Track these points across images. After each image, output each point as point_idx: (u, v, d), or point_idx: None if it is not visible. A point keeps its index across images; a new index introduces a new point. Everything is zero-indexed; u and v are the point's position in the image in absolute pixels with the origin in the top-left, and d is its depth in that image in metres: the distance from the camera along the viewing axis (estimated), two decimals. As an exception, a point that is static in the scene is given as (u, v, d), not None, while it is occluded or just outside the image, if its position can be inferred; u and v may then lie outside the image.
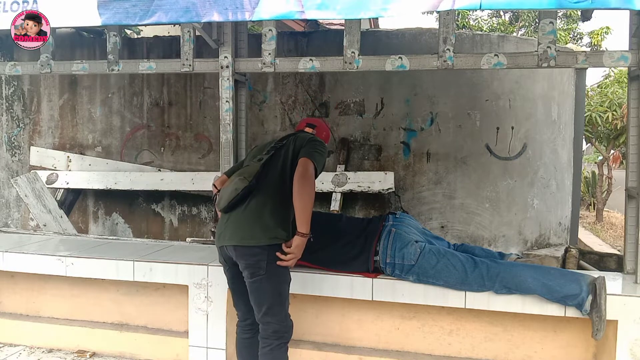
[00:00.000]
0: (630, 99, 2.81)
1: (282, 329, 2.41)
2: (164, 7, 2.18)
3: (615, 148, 11.45)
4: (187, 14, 2.17)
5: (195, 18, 2.18)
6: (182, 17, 2.19)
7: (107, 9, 2.25)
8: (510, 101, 5.61)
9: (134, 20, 2.23)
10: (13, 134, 6.29)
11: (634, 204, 2.77)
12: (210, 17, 2.16)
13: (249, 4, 2.09)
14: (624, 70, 8.69)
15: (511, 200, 5.73)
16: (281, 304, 2.41)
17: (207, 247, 3.67)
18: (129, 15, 2.23)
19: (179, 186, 5.68)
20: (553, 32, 2.76)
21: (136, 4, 2.21)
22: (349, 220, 3.05)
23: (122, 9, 2.23)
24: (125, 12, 2.23)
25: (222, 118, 3.16)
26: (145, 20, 2.22)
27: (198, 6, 2.15)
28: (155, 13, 2.19)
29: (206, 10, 2.14)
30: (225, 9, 2.12)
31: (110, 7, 2.24)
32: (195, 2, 2.16)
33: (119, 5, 2.23)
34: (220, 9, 2.12)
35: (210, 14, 2.14)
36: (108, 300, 3.47)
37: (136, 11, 2.21)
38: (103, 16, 2.26)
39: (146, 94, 5.92)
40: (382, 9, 1.95)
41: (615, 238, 9.08)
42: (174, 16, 2.19)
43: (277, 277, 2.38)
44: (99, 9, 2.25)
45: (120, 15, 2.24)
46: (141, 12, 2.20)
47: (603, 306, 2.44)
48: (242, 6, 2.10)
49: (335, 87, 5.50)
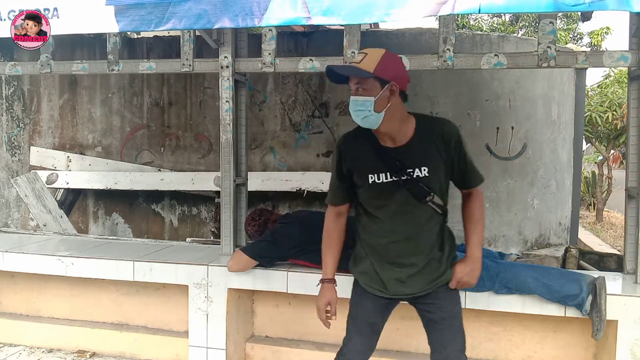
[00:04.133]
0: (630, 99, 2.81)
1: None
2: (178, 15, 2.24)
3: (615, 148, 11.45)
4: (200, 21, 2.22)
5: (207, 25, 2.23)
6: (195, 24, 2.25)
7: (124, 16, 2.31)
8: (510, 101, 5.61)
9: (150, 27, 2.29)
10: (13, 134, 6.29)
11: (634, 204, 2.77)
12: (222, 24, 2.21)
13: (258, 11, 2.15)
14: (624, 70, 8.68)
15: (511, 200, 5.73)
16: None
17: (207, 247, 3.68)
18: (145, 22, 2.28)
19: (179, 186, 5.68)
20: (553, 32, 2.76)
21: (152, 11, 2.27)
22: (349, 220, 3.04)
23: (138, 16, 2.29)
24: (141, 19, 2.28)
25: (222, 118, 3.16)
26: (160, 27, 2.27)
27: (210, 13, 2.20)
28: (170, 20, 2.25)
29: (217, 17, 2.20)
30: (236, 16, 2.17)
31: (127, 14, 2.30)
32: (207, 9, 2.21)
33: (136, 12, 2.29)
34: (231, 16, 2.18)
35: (221, 21, 2.20)
36: (108, 300, 3.47)
37: (151, 18, 2.27)
38: (120, 23, 2.32)
39: (146, 94, 5.92)
40: (386, 14, 2.01)
41: (615, 238, 9.08)
42: (187, 23, 2.24)
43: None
44: (116, 16, 2.32)
45: (136, 23, 2.30)
46: (156, 19, 2.26)
47: (603, 306, 2.43)
48: (251, 13, 2.15)
49: (335, 87, 5.49)
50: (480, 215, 2.09)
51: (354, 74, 1.91)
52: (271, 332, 3.28)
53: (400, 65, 2.01)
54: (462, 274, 2.04)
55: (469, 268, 2.05)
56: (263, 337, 3.28)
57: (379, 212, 2.03)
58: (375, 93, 1.87)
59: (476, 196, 2.10)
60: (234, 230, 3.24)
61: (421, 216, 2.00)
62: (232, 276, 2.97)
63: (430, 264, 2.03)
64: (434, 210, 2.01)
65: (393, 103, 1.90)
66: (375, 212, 2.04)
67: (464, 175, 2.05)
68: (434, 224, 2.04)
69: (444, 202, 2.04)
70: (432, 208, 2.00)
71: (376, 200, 2.03)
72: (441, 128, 1.98)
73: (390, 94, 1.89)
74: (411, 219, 2.00)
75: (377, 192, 2.01)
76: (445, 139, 1.95)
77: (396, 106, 1.92)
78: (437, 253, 2.05)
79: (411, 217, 2.00)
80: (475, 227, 2.08)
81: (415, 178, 1.95)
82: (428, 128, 1.98)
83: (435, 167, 1.96)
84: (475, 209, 2.09)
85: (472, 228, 2.08)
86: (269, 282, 2.95)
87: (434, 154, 1.96)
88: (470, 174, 2.06)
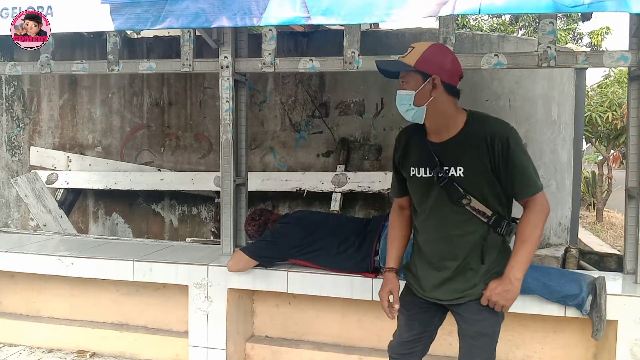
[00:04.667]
0: (630, 99, 2.80)
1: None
2: (175, 13, 2.22)
3: (615, 148, 11.46)
4: (198, 20, 2.21)
5: (205, 23, 2.21)
6: (192, 23, 2.23)
7: (120, 15, 2.29)
8: (510, 101, 5.61)
9: (146, 26, 2.27)
10: (13, 134, 6.29)
11: (634, 204, 2.77)
12: (220, 23, 2.20)
13: (256, 10, 2.14)
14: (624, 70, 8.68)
15: (511, 200, 5.72)
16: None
17: (207, 247, 3.68)
18: (141, 20, 2.27)
19: (179, 186, 5.68)
20: (553, 32, 2.76)
21: (148, 10, 2.25)
22: (349, 220, 3.05)
23: (134, 14, 2.27)
24: (137, 17, 2.27)
25: (222, 118, 3.16)
26: (156, 26, 2.25)
27: (207, 12, 2.19)
28: (167, 18, 2.23)
29: (215, 16, 2.18)
30: (234, 15, 2.16)
31: (123, 12, 2.29)
32: (205, 8, 2.19)
33: (131, 11, 2.28)
34: (229, 15, 2.17)
35: (219, 20, 2.18)
36: (108, 300, 3.47)
37: (148, 17, 2.25)
38: (116, 21, 2.31)
39: (146, 94, 5.92)
40: (386, 14, 2.01)
41: (615, 238, 9.08)
42: (184, 21, 2.23)
43: None
44: (111, 14, 2.30)
45: (132, 21, 2.28)
46: (152, 17, 2.25)
47: (603, 306, 2.43)
48: (250, 12, 2.14)
49: (335, 87, 5.49)
50: (530, 233, 1.85)
51: (395, 69, 1.89)
52: (271, 332, 3.28)
53: (447, 59, 1.88)
54: (492, 292, 1.87)
55: (501, 288, 1.86)
56: (263, 337, 3.28)
57: (420, 207, 1.99)
58: (416, 87, 1.83)
59: (531, 210, 1.86)
60: (234, 230, 3.24)
61: (456, 219, 1.89)
62: (232, 276, 2.97)
63: (465, 273, 1.92)
64: (473, 215, 1.88)
65: (437, 97, 1.83)
66: (418, 207, 2.01)
67: (512, 183, 1.85)
68: (472, 231, 1.90)
69: (493, 209, 1.88)
70: (470, 212, 1.87)
71: (417, 195, 2.00)
72: (490, 129, 1.84)
73: (432, 87, 1.82)
74: (445, 220, 1.92)
75: (417, 186, 1.97)
76: (490, 140, 1.81)
77: (441, 100, 1.84)
78: (476, 264, 1.91)
79: (445, 217, 1.91)
80: (522, 246, 1.85)
81: (450, 177, 1.87)
82: (477, 127, 1.86)
83: (473, 169, 1.85)
84: (526, 225, 1.86)
85: (519, 246, 1.86)
86: (269, 282, 2.95)
87: (474, 154, 1.83)
88: (519, 183, 1.85)
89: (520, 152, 1.84)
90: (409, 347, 2.14)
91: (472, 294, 1.92)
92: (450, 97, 1.87)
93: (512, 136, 1.83)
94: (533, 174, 1.85)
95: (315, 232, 2.91)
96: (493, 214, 1.89)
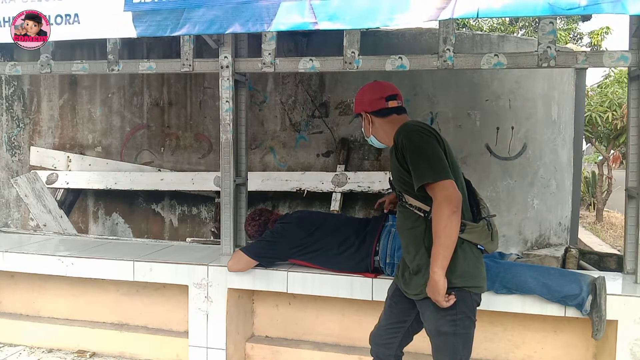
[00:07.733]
0: (630, 99, 2.81)
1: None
2: (192, 20, 2.35)
3: (615, 148, 11.46)
4: (213, 26, 2.33)
5: (220, 30, 2.34)
6: (208, 29, 2.36)
7: (142, 22, 2.42)
8: (510, 101, 5.61)
9: (165, 32, 2.39)
10: (13, 134, 6.29)
11: (634, 204, 2.77)
12: (234, 29, 2.32)
13: (267, 16, 2.25)
14: (624, 70, 8.68)
15: (511, 200, 5.73)
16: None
17: (207, 247, 3.67)
18: (161, 27, 2.40)
19: (179, 186, 5.69)
20: (553, 32, 2.76)
21: (167, 17, 2.38)
22: (349, 220, 3.05)
23: (155, 22, 2.40)
24: (158, 24, 2.40)
25: (222, 118, 3.16)
26: (175, 32, 2.38)
27: (222, 18, 2.31)
28: (185, 25, 2.36)
29: (229, 22, 2.30)
30: (247, 21, 2.28)
31: (144, 20, 2.42)
32: (220, 15, 2.31)
33: (152, 18, 2.41)
34: (242, 21, 2.29)
35: (233, 26, 2.30)
36: (108, 300, 3.47)
37: (167, 24, 2.38)
38: (138, 28, 2.43)
39: (146, 94, 5.92)
40: (389, 19, 2.11)
41: (615, 238, 9.09)
42: (201, 28, 2.35)
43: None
44: (134, 22, 2.43)
45: (153, 28, 2.41)
46: (172, 24, 2.38)
47: (603, 306, 2.43)
48: (261, 18, 2.26)
49: (335, 87, 5.50)
50: (436, 226, 1.85)
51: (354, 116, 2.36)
52: (271, 332, 3.28)
53: (364, 95, 2.22)
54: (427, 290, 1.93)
55: (428, 284, 1.91)
56: (263, 337, 3.28)
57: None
58: (362, 125, 2.26)
59: (434, 202, 1.87)
60: (234, 230, 3.24)
61: (406, 216, 2.06)
62: (232, 276, 2.98)
63: (419, 268, 1.99)
64: (412, 212, 2.01)
65: (375, 125, 2.18)
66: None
67: (412, 175, 1.93)
68: (415, 225, 2.01)
69: (429, 205, 1.91)
70: (409, 209, 2.03)
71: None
72: (397, 133, 2.03)
73: (366, 121, 2.20)
74: (400, 217, 2.13)
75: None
76: (396, 141, 2.02)
77: (379, 125, 2.18)
78: (425, 259, 1.96)
79: (400, 215, 2.12)
80: (435, 240, 1.86)
81: (390, 180, 2.18)
82: (395, 135, 2.05)
83: (395, 171, 2.05)
84: (433, 219, 1.87)
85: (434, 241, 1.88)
86: (269, 282, 2.96)
87: (392, 157, 2.06)
88: (414, 173, 1.91)
89: (415, 146, 1.94)
90: (385, 338, 2.25)
91: (425, 291, 1.97)
92: (386, 117, 2.16)
93: (409, 133, 1.98)
94: (426, 163, 1.89)
95: (315, 232, 2.91)
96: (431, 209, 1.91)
